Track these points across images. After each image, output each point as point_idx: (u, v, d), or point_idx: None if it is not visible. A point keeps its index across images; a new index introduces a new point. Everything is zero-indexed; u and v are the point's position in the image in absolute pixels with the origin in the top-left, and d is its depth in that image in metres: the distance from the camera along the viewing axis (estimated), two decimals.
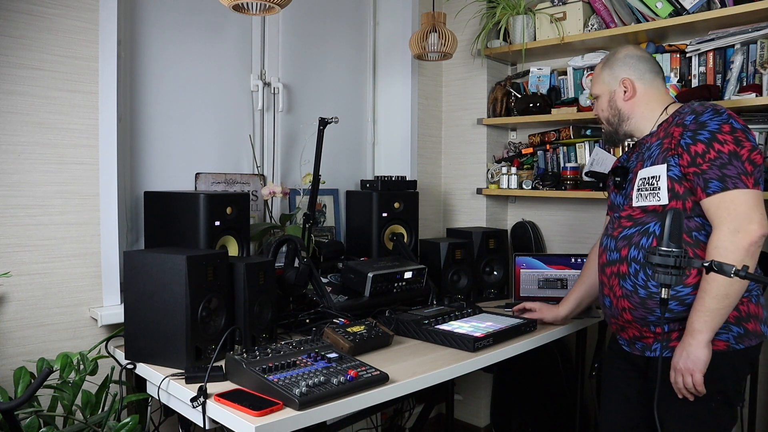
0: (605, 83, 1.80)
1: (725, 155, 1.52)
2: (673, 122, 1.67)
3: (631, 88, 1.75)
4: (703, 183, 1.54)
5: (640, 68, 1.76)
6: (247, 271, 1.70)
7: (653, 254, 1.23)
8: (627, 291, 1.68)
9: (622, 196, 1.79)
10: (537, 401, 2.81)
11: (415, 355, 1.76)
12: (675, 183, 1.60)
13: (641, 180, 1.68)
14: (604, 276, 1.77)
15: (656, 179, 1.63)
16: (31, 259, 1.76)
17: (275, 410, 1.31)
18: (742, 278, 1.17)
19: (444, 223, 3.16)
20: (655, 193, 1.63)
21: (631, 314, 1.69)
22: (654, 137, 1.72)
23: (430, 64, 3.03)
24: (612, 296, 1.73)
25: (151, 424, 1.82)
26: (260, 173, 2.49)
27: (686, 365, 1.55)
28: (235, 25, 2.42)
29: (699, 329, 1.53)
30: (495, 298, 2.59)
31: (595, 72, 1.85)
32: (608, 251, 1.75)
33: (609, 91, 1.79)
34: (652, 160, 1.67)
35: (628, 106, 1.77)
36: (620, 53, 1.80)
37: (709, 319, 1.52)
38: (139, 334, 1.62)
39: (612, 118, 1.80)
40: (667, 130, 1.66)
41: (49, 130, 1.79)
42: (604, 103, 1.81)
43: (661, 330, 1.65)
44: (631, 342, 1.77)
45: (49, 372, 1.33)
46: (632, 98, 1.76)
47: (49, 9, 1.77)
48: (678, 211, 1.24)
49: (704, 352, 1.53)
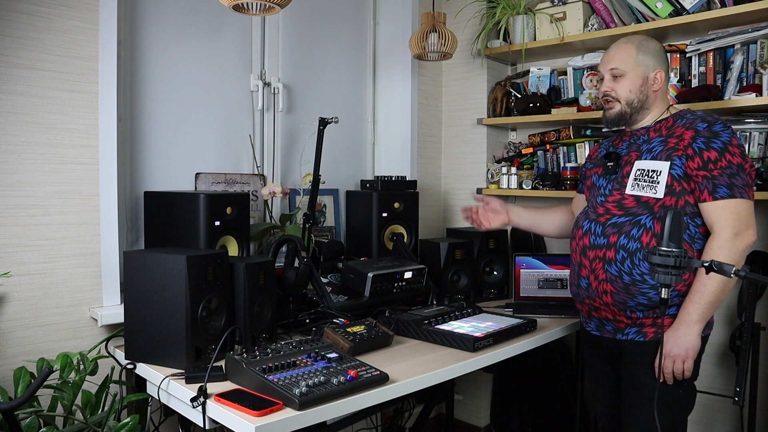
0: (639, 65, 1.80)
1: (734, 166, 1.65)
2: (676, 123, 1.77)
3: (660, 81, 1.80)
4: (712, 187, 1.65)
5: (667, 65, 1.84)
6: (247, 271, 1.70)
7: (653, 254, 1.23)
8: (611, 275, 1.75)
9: (608, 181, 1.85)
10: (537, 401, 2.81)
11: (415, 355, 1.76)
12: (675, 181, 1.69)
13: (639, 170, 1.76)
14: (585, 259, 1.83)
15: (657, 174, 1.72)
16: (31, 259, 1.76)
17: (275, 410, 1.31)
18: (742, 278, 1.17)
19: (444, 223, 3.16)
20: (653, 186, 1.72)
21: (612, 297, 1.77)
22: (653, 132, 1.80)
23: (430, 64, 3.03)
24: (592, 278, 1.80)
25: (151, 424, 1.82)
26: (260, 173, 2.49)
27: (679, 352, 1.68)
28: (235, 25, 2.42)
29: (695, 320, 1.67)
30: (495, 298, 2.59)
31: (625, 50, 1.82)
32: (593, 235, 1.81)
33: (643, 75, 1.80)
34: (653, 154, 1.75)
35: (653, 96, 1.81)
36: (654, 44, 1.83)
37: (706, 311, 1.67)
38: (139, 334, 1.62)
39: (637, 103, 1.81)
40: (671, 130, 1.76)
41: (49, 130, 1.79)
42: (635, 85, 1.80)
43: (635, 316, 1.76)
44: (600, 324, 1.87)
45: (49, 372, 1.32)
46: (657, 91, 1.81)
47: (49, 9, 1.77)
48: (678, 212, 1.24)
49: (698, 341, 1.69)
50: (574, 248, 1.90)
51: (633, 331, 1.78)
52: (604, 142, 2.02)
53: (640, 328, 1.77)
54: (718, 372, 2.47)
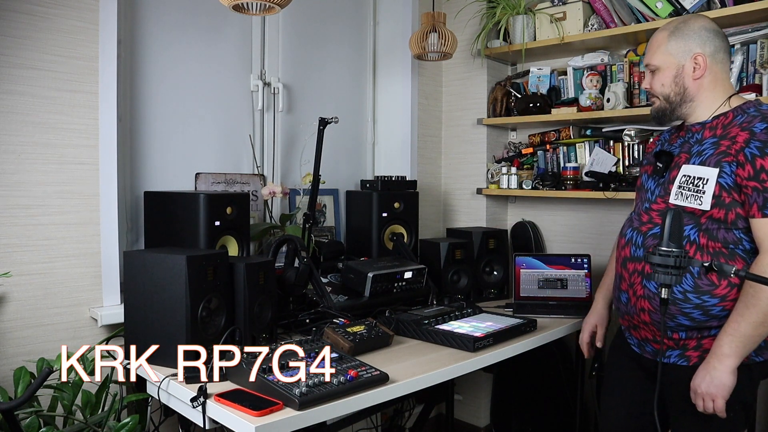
0: (672, 55, 1.59)
1: None
2: (734, 121, 1.54)
3: (702, 65, 1.57)
4: (762, 201, 1.44)
5: (715, 44, 1.58)
6: (247, 271, 1.70)
7: (653, 254, 1.23)
8: (649, 292, 1.59)
9: (656, 184, 1.67)
10: (537, 401, 2.81)
11: (415, 355, 1.76)
12: (723, 191, 1.49)
13: (684, 177, 1.56)
14: (625, 271, 1.67)
15: (703, 182, 1.51)
16: (31, 259, 1.76)
17: (275, 410, 1.31)
18: (742, 278, 1.17)
19: (444, 223, 3.16)
20: (698, 196, 1.52)
21: (649, 316, 1.61)
22: (708, 131, 1.59)
23: (430, 64, 3.03)
24: (631, 294, 1.65)
25: (151, 424, 1.82)
26: (260, 173, 2.49)
27: (709, 390, 1.48)
28: (235, 26, 2.42)
29: (728, 354, 1.46)
30: (495, 298, 2.59)
31: (657, 40, 1.63)
32: (633, 246, 1.65)
33: (677, 65, 1.59)
34: (702, 158, 1.54)
35: (695, 85, 1.58)
36: (695, 23, 1.59)
37: (740, 345, 1.45)
38: (139, 334, 1.62)
39: (674, 96, 1.61)
40: (727, 129, 1.54)
41: (49, 130, 1.79)
42: (667, 78, 1.61)
43: (677, 337, 1.58)
44: (642, 343, 1.71)
45: (49, 372, 1.32)
46: (701, 77, 1.58)
47: (49, 9, 1.77)
48: (678, 212, 1.24)
49: (730, 378, 1.46)
50: (617, 258, 1.73)
51: (675, 354, 1.60)
52: (664, 135, 1.79)
53: (683, 350, 1.58)
54: None
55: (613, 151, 2.64)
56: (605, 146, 2.67)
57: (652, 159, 1.73)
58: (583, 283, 2.44)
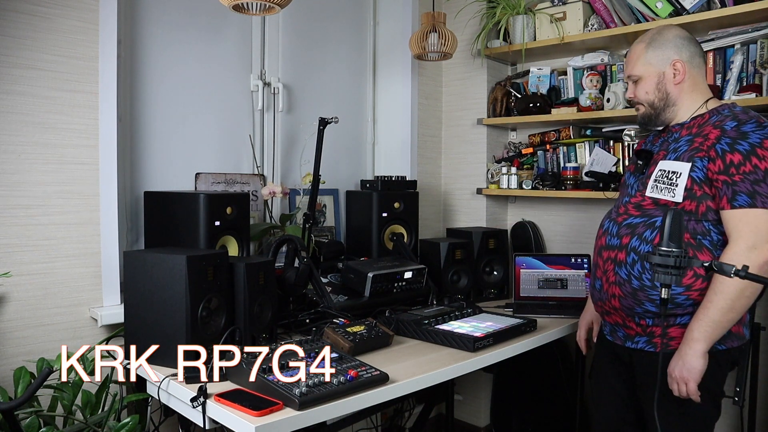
0: (652, 64, 1.69)
1: (761, 171, 1.50)
2: (709, 121, 1.63)
3: (681, 71, 1.67)
4: (731, 194, 1.52)
5: (690, 50, 1.69)
6: (247, 271, 1.70)
7: (653, 254, 1.23)
8: (621, 279, 1.67)
9: (636, 180, 1.76)
10: (537, 401, 2.81)
11: (415, 355, 1.76)
12: (695, 184, 1.58)
13: (660, 171, 1.66)
14: (600, 259, 1.76)
15: (676, 175, 1.61)
16: (31, 259, 1.76)
17: (275, 410, 1.31)
18: (742, 278, 1.17)
19: (444, 223, 3.16)
20: (671, 189, 1.61)
21: (619, 302, 1.69)
22: (685, 130, 1.68)
23: (430, 64, 3.03)
24: (604, 280, 1.73)
25: (151, 424, 1.82)
26: (260, 173, 2.49)
27: (681, 374, 1.56)
28: (235, 26, 2.42)
29: (697, 338, 1.53)
30: (495, 298, 2.59)
31: (636, 52, 1.73)
32: (609, 235, 1.74)
33: (657, 73, 1.69)
34: (677, 154, 1.64)
35: (677, 90, 1.69)
36: (669, 32, 1.70)
37: (709, 330, 1.52)
38: (139, 334, 1.62)
39: (658, 102, 1.71)
40: (701, 128, 1.63)
41: (49, 130, 1.79)
42: (650, 85, 1.70)
43: (645, 323, 1.67)
44: (613, 329, 1.80)
45: (49, 372, 1.32)
46: (681, 82, 1.68)
47: (49, 9, 1.77)
48: (678, 212, 1.24)
49: (700, 362, 1.54)
50: (594, 247, 1.83)
51: (643, 340, 1.69)
52: (650, 136, 1.89)
53: (649, 337, 1.67)
54: None
55: (613, 151, 2.64)
56: (605, 146, 2.67)
57: (635, 158, 1.83)
58: (583, 283, 2.44)
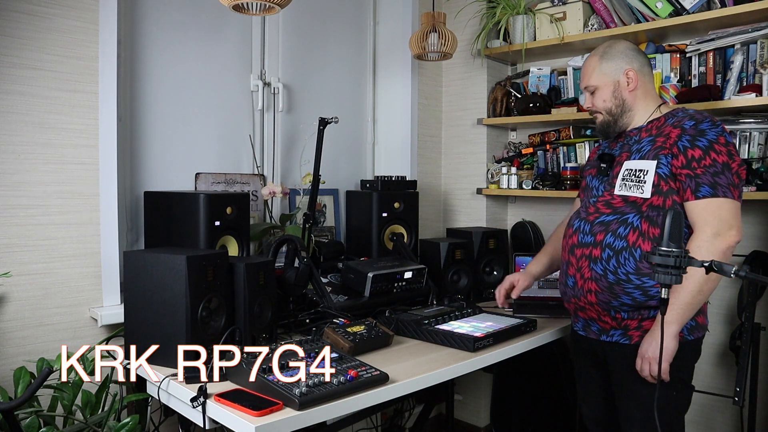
0: (606, 74, 1.81)
1: (719, 164, 1.62)
2: (666, 123, 1.74)
3: (634, 79, 1.79)
4: (695, 186, 1.63)
5: (640, 61, 1.82)
6: (247, 271, 1.70)
7: (653, 254, 1.23)
8: (596, 274, 1.73)
9: (601, 182, 1.85)
10: (537, 401, 2.81)
11: (415, 355, 1.76)
12: (662, 180, 1.68)
13: (627, 171, 1.75)
14: (572, 257, 1.82)
15: (644, 173, 1.70)
16: (31, 259, 1.76)
17: (275, 410, 1.31)
18: (741, 278, 1.17)
19: (444, 223, 3.16)
20: (639, 186, 1.70)
21: (596, 297, 1.75)
22: (644, 132, 1.79)
23: (430, 64, 3.03)
24: (578, 277, 1.79)
25: (151, 424, 1.82)
26: (260, 173, 2.49)
27: (655, 354, 1.63)
28: (235, 26, 2.42)
29: (670, 321, 1.61)
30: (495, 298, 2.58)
31: (591, 64, 1.85)
32: (581, 233, 1.80)
33: (612, 82, 1.81)
34: (641, 154, 1.74)
35: (631, 96, 1.80)
36: (619, 45, 1.83)
37: (681, 312, 1.62)
38: (139, 334, 1.62)
39: (615, 108, 1.82)
40: (661, 129, 1.74)
41: (49, 130, 1.79)
42: (607, 94, 1.82)
43: (620, 317, 1.74)
44: (586, 324, 1.85)
45: (49, 372, 1.33)
46: (635, 89, 1.80)
47: (49, 9, 1.77)
48: (678, 212, 1.24)
49: (672, 343, 1.63)
50: (564, 246, 1.89)
51: (618, 333, 1.76)
52: (603, 143, 2.02)
53: (624, 330, 1.75)
54: (718, 372, 2.47)
55: None
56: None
57: (595, 163, 1.92)
58: None
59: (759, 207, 2.36)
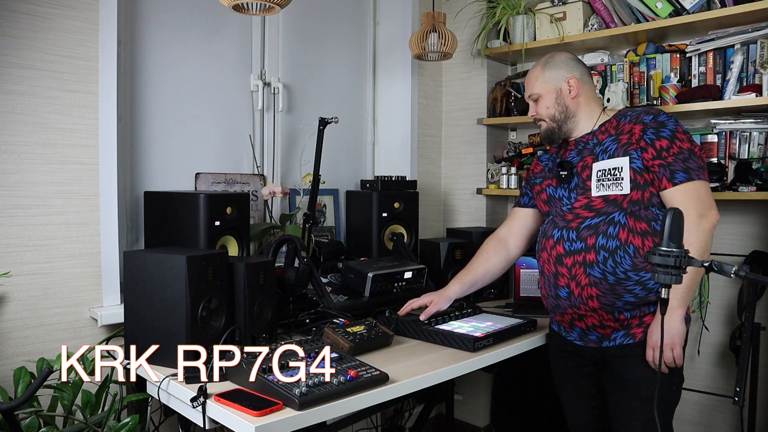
0: (549, 82, 1.86)
1: (686, 151, 1.69)
2: (621, 122, 1.78)
3: (576, 87, 1.83)
4: (669, 174, 1.68)
5: (580, 69, 1.87)
6: (247, 271, 1.70)
7: (653, 254, 1.23)
8: (595, 279, 1.72)
9: (568, 190, 1.85)
10: (537, 401, 2.81)
11: (415, 355, 1.76)
12: (637, 174, 1.71)
13: (600, 171, 1.77)
14: (562, 267, 1.78)
15: (619, 170, 1.73)
16: (31, 259, 1.76)
17: (275, 410, 1.31)
18: (741, 278, 1.17)
19: (444, 223, 3.16)
20: (618, 183, 1.73)
21: (598, 301, 1.73)
22: (601, 135, 1.82)
23: (430, 64, 3.03)
24: (574, 285, 1.76)
25: (151, 424, 1.82)
26: (260, 173, 2.49)
27: (667, 340, 1.66)
28: (235, 25, 2.42)
29: (675, 306, 1.64)
30: (495, 298, 2.59)
31: (534, 74, 1.89)
32: (567, 242, 1.78)
33: (555, 89, 1.85)
34: (609, 153, 1.77)
35: (574, 103, 1.84)
36: (561, 55, 1.89)
37: (683, 295, 1.66)
38: (139, 334, 1.62)
39: (559, 114, 1.85)
40: (619, 129, 1.78)
41: (49, 130, 1.79)
42: (550, 101, 1.85)
43: (623, 317, 1.74)
44: (585, 332, 1.82)
45: (49, 372, 1.32)
46: (577, 96, 1.84)
47: (49, 9, 1.77)
48: (678, 212, 1.24)
49: (682, 326, 1.68)
50: (546, 259, 1.84)
51: (620, 335, 1.75)
52: (542, 156, 2.04)
53: (627, 330, 1.74)
54: (718, 372, 2.47)
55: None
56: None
57: (550, 174, 1.93)
58: None
59: (759, 207, 2.36)
